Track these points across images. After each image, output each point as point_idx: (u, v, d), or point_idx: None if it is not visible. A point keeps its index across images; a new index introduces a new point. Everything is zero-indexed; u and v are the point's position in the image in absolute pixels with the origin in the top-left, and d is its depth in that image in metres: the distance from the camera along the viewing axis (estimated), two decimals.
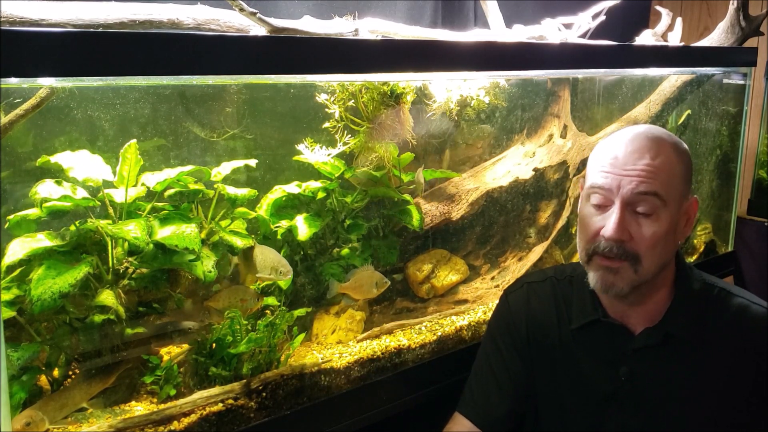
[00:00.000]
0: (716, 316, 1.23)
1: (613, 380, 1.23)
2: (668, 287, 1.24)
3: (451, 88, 1.77)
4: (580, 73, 2.05)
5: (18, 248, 1.18)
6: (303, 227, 1.53)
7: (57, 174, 1.27)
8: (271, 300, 1.49)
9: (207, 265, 1.32)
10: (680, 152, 1.19)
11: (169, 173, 1.38)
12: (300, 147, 1.54)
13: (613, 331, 1.25)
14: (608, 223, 1.15)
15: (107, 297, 1.23)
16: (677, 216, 1.18)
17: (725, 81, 2.37)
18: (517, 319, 1.35)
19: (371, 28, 1.41)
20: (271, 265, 1.41)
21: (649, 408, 1.21)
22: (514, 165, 2.00)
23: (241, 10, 1.14)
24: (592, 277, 1.20)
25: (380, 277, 1.59)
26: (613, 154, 1.18)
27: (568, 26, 1.77)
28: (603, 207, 1.18)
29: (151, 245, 1.28)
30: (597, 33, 1.82)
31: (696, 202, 1.23)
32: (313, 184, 1.61)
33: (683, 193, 1.19)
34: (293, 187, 1.58)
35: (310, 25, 1.27)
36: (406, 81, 1.61)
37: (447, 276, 1.81)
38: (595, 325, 1.26)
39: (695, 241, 2.43)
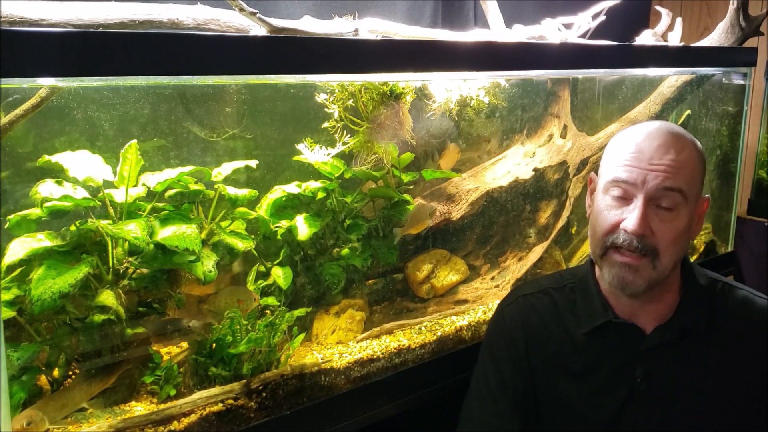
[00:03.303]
0: (724, 311, 1.23)
1: (629, 382, 1.22)
2: (677, 284, 1.24)
3: (450, 88, 1.77)
4: (580, 73, 2.05)
5: (18, 248, 1.18)
6: (303, 227, 1.53)
7: (57, 174, 1.27)
8: (271, 300, 1.49)
9: (207, 266, 1.32)
10: (699, 150, 1.19)
11: (170, 173, 1.38)
12: (300, 147, 1.54)
13: (625, 332, 1.24)
14: (630, 217, 1.13)
15: (107, 297, 1.23)
16: (694, 213, 1.18)
17: (725, 81, 2.37)
18: (514, 334, 1.33)
19: (371, 28, 1.41)
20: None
21: (666, 407, 1.21)
22: (514, 165, 2.00)
23: (241, 10, 1.14)
24: (608, 273, 1.17)
25: (431, 207, 1.70)
26: (636, 148, 1.16)
27: (568, 26, 1.77)
28: (624, 201, 1.17)
29: (152, 245, 1.28)
30: (597, 33, 1.82)
31: (707, 202, 1.23)
32: (313, 184, 1.61)
33: (700, 190, 1.19)
34: (293, 187, 1.58)
35: (310, 25, 1.27)
36: (405, 81, 1.61)
37: (447, 276, 1.81)
38: (606, 328, 1.25)
39: (695, 241, 2.43)
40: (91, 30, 1.08)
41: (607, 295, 1.26)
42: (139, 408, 1.24)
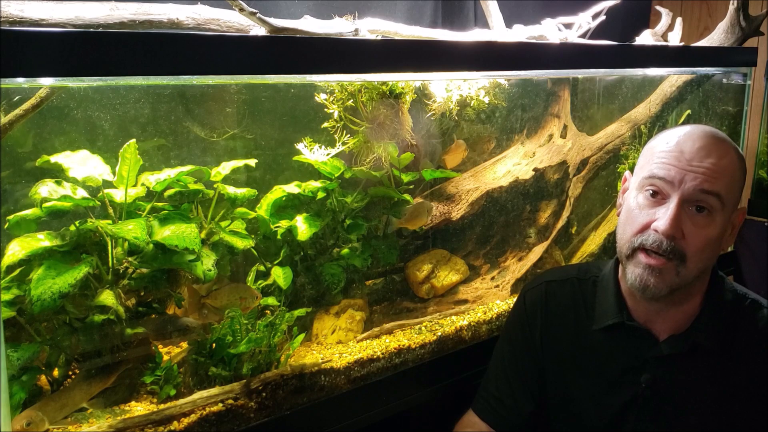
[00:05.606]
0: (746, 328, 1.20)
1: (634, 386, 1.21)
2: (700, 295, 1.21)
3: (451, 88, 1.77)
4: (580, 73, 2.05)
5: (18, 248, 1.18)
6: (303, 227, 1.53)
7: (57, 174, 1.26)
8: (271, 300, 1.49)
9: (207, 265, 1.32)
10: (741, 159, 1.17)
11: (169, 173, 1.38)
12: (299, 147, 1.54)
13: (637, 336, 1.22)
14: (663, 217, 1.11)
15: (107, 297, 1.23)
16: (728, 223, 1.16)
17: (725, 81, 2.37)
18: (532, 319, 1.34)
19: (371, 28, 1.41)
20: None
21: (668, 417, 1.19)
22: (514, 165, 2.00)
23: (241, 10, 1.14)
24: (631, 274, 1.15)
25: (429, 205, 1.71)
26: (677, 147, 1.14)
27: (568, 26, 1.77)
28: (658, 200, 1.14)
29: (151, 245, 1.28)
30: (597, 33, 1.82)
31: (744, 213, 1.20)
32: (313, 184, 1.61)
33: (737, 200, 1.16)
34: (293, 187, 1.58)
35: (310, 25, 1.27)
36: (405, 81, 1.61)
37: (447, 276, 1.81)
38: (619, 329, 1.23)
39: None
40: (91, 30, 1.08)
41: (626, 296, 1.25)
42: (139, 408, 1.24)
